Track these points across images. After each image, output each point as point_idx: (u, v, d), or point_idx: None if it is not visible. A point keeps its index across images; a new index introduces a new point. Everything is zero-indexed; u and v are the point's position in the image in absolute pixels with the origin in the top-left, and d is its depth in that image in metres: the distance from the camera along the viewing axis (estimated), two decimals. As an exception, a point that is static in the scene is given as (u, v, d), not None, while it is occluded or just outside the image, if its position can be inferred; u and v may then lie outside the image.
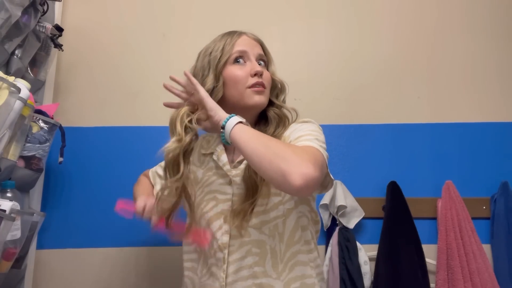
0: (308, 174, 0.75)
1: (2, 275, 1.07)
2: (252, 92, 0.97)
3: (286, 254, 0.94)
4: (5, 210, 0.99)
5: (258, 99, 0.98)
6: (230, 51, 0.99)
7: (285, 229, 0.94)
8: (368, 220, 1.49)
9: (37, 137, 1.24)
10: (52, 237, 1.47)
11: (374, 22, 1.68)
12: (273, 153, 0.79)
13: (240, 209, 0.92)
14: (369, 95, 1.61)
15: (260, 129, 1.00)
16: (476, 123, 1.58)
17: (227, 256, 0.94)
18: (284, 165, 0.76)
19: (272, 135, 0.98)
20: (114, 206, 1.17)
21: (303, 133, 0.93)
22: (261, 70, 0.98)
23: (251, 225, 0.93)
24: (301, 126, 0.97)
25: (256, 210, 0.93)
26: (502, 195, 1.46)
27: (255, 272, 0.92)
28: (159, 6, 1.68)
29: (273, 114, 1.02)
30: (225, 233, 0.95)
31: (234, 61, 0.99)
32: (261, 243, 0.93)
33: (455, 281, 1.36)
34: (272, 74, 1.04)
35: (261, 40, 1.06)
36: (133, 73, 1.62)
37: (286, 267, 0.93)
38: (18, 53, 1.25)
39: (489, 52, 1.64)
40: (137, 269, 1.47)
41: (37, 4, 1.28)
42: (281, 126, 1.01)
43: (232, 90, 0.98)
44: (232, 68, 0.99)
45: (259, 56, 1.02)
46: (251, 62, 1.00)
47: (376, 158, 1.55)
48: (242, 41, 1.01)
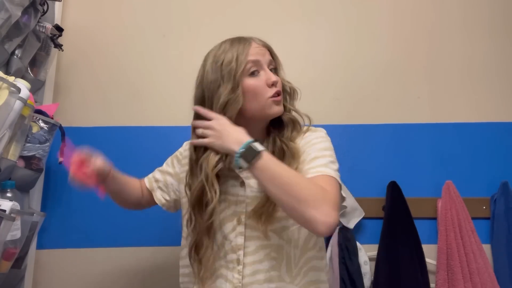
0: (332, 223, 0.79)
1: (2, 275, 1.07)
2: (272, 102, 0.97)
3: (300, 260, 0.95)
4: (5, 210, 0.99)
5: (278, 109, 0.99)
6: (245, 62, 0.97)
7: (300, 235, 0.95)
8: (368, 220, 1.49)
9: (37, 137, 1.24)
10: (52, 237, 1.47)
11: (374, 22, 1.68)
12: (295, 198, 0.81)
13: (262, 211, 0.92)
14: (369, 95, 1.61)
15: (275, 133, 1.01)
16: (476, 123, 1.58)
17: (243, 257, 0.93)
18: (308, 214, 0.79)
19: (289, 138, 1.00)
20: (114, 206, 1.17)
21: (317, 154, 0.94)
22: (277, 80, 0.98)
23: (271, 229, 0.93)
24: (314, 140, 0.98)
25: (278, 216, 0.93)
26: (502, 195, 1.46)
27: (271, 276, 0.92)
28: (159, 7, 1.68)
29: (287, 118, 1.02)
30: (239, 234, 0.95)
31: (250, 73, 0.98)
32: (280, 248, 0.94)
33: (455, 281, 1.36)
34: (282, 79, 1.04)
35: (269, 45, 1.05)
36: (133, 73, 1.62)
37: (300, 272, 0.94)
38: (18, 53, 1.25)
39: (489, 52, 1.64)
40: (137, 269, 1.47)
41: (37, 4, 1.28)
42: (295, 130, 1.02)
43: (253, 102, 0.97)
44: (250, 81, 0.97)
45: (270, 63, 1.01)
46: (264, 71, 0.99)
47: (376, 158, 1.55)
48: (253, 49, 0.99)
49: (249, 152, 0.85)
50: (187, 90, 1.11)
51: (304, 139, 1.00)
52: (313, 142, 0.98)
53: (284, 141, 0.99)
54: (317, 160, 0.93)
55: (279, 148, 0.99)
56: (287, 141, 0.99)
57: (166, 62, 1.63)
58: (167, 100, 1.60)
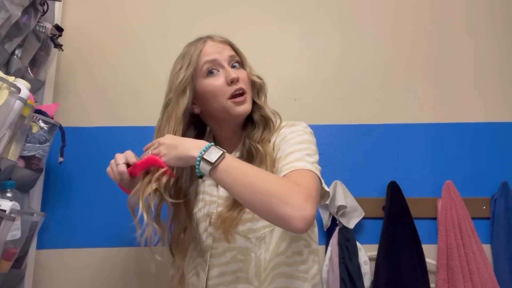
0: (308, 216, 0.72)
1: (2, 275, 1.07)
2: (233, 104, 0.93)
3: (269, 264, 0.91)
4: (5, 210, 0.99)
5: (242, 109, 0.94)
6: (199, 63, 0.93)
7: (272, 239, 0.92)
8: (368, 220, 1.49)
9: (37, 137, 1.24)
10: (52, 237, 1.46)
11: (374, 22, 1.67)
12: (265, 196, 0.74)
13: (227, 215, 0.89)
14: (369, 95, 1.61)
15: (247, 132, 0.98)
16: (476, 123, 1.58)
17: (209, 258, 0.93)
18: (281, 210, 0.72)
19: (259, 138, 0.95)
20: (114, 206, 1.17)
21: (292, 149, 0.88)
22: (236, 76, 0.93)
23: (237, 232, 0.91)
24: (289, 135, 0.93)
25: (244, 218, 0.91)
26: (502, 195, 1.46)
27: (238, 277, 0.91)
28: (159, 6, 1.68)
29: (259, 117, 0.98)
30: (209, 235, 0.95)
31: (207, 74, 0.94)
32: (246, 250, 0.91)
33: (455, 281, 1.36)
34: (248, 74, 0.98)
35: (229, 40, 1.01)
36: (133, 73, 1.62)
37: (268, 277, 0.91)
38: (18, 53, 1.25)
39: (490, 52, 1.64)
40: (137, 269, 1.47)
41: (37, 4, 1.28)
42: (267, 129, 0.98)
43: (213, 103, 0.93)
44: (206, 82, 0.93)
45: (231, 59, 0.96)
46: (224, 69, 0.94)
47: (376, 158, 1.55)
48: (208, 48, 0.95)
49: (210, 154, 0.78)
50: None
51: (280, 136, 0.95)
52: (288, 138, 0.92)
53: (252, 143, 0.94)
54: (291, 155, 0.87)
55: (248, 150, 0.95)
56: (255, 143, 0.94)
57: (166, 62, 1.61)
58: (167, 100, 1.59)
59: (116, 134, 1.56)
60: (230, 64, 0.96)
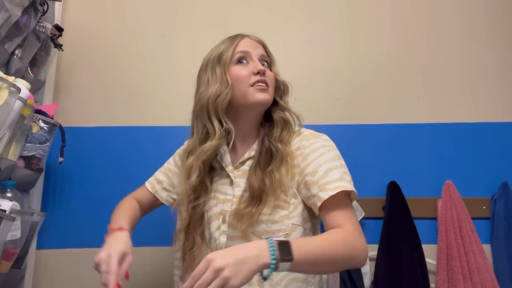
0: (367, 248, 0.86)
1: (2, 275, 1.07)
2: (254, 90, 0.96)
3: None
4: (5, 210, 0.99)
5: (262, 97, 0.96)
6: (233, 52, 0.99)
7: None
8: (368, 220, 1.49)
9: (37, 137, 1.24)
10: (52, 237, 1.47)
11: (374, 22, 1.67)
12: (340, 262, 0.84)
13: (243, 212, 0.90)
14: (369, 95, 1.61)
15: (265, 131, 1.00)
16: (476, 123, 1.58)
17: None
18: (355, 264, 0.86)
19: (278, 138, 0.98)
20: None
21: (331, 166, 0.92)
22: (263, 69, 0.98)
23: (252, 231, 0.92)
24: (322, 149, 0.95)
25: (260, 218, 0.91)
26: (502, 195, 1.46)
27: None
28: (159, 6, 1.68)
29: (278, 117, 1.01)
30: (223, 233, 0.94)
31: (237, 61, 0.99)
32: None
33: (455, 281, 1.36)
34: (275, 75, 1.04)
35: (263, 41, 1.07)
36: (133, 73, 1.62)
37: (281, 282, 0.90)
38: (18, 53, 1.25)
39: (489, 52, 1.64)
40: (137, 269, 1.47)
41: (37, 4, 1.28)
42: (286, 130, 1.00)
43: (236, 89, 0.97)
44: (235, 68, 0.98)
45: (262, 57, 1.02)
46: (253, 62, 1.00)
47: (376, 158, 1.55)
48: (244, 42, 1.02)
49: (281, 251, 0.72)
50: (187, 90, 1.11)
51: (306, 143, 0.97)
52: (322, 152, 0.94)
53: (272, 142, 0.97)
54: (331, 173, 0.91)
55: (267, 148, 0.97)
56: (275, 142, 0.97)
57: (166, 62, 1.63)
58: (167, 100, 1.60)
59: (116, 134, 1.56)
60: (260, 61, 1.01)
